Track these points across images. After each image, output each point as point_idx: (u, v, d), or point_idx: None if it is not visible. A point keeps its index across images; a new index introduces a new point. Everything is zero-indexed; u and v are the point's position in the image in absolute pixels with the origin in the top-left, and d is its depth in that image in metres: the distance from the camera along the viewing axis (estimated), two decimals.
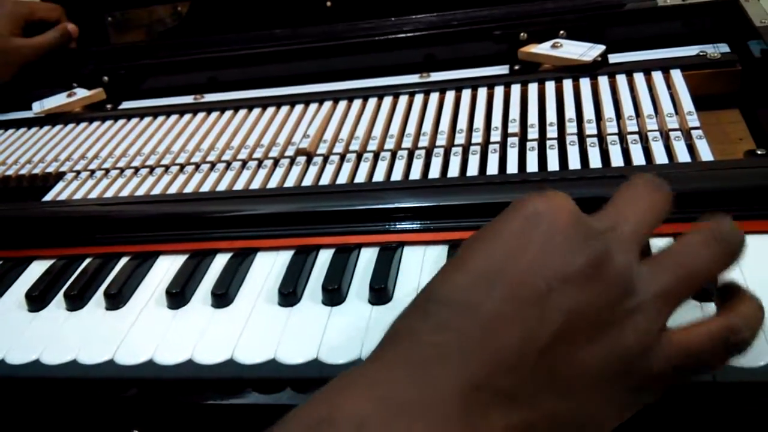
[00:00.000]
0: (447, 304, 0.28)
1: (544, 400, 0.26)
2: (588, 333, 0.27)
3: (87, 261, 0.51)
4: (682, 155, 0.48)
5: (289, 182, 0.55)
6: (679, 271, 0.29)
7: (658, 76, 0.57)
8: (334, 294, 0.43)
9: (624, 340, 0.27)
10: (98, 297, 0.47)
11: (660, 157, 0.48)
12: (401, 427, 0.25)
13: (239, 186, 0.56)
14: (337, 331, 0.41)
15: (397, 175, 0.53)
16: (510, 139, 0.54)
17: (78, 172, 0.63)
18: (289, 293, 0.43)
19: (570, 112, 0.56)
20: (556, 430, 0.26)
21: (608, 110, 0.54)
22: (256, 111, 0.67)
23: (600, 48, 0.60)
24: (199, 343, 0.42)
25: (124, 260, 0.50)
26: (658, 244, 0.33)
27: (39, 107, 0.75)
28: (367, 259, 0.46)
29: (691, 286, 0.29)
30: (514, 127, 0.55)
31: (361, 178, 0.54)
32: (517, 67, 0.64)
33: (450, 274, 0.30)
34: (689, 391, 0.35)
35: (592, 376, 0.27)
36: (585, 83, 0.58)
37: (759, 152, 0.49)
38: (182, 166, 0.60)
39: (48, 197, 0.60)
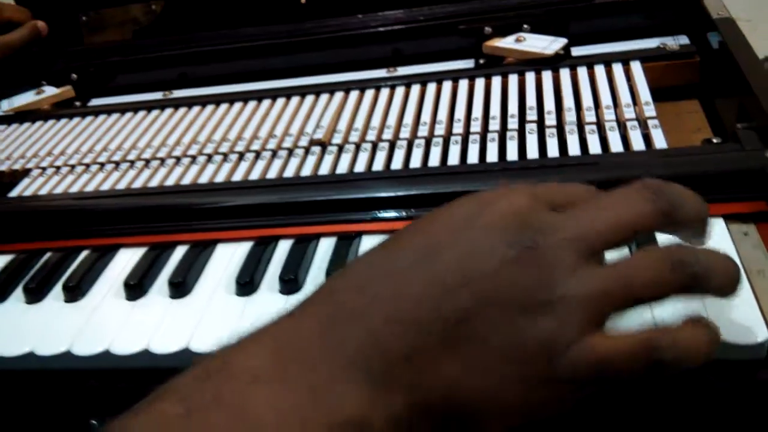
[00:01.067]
0: (372, 269, 0.29)
1: (445, 371, 0.26)
2: (497, 316, 0.26)
3: (47, 255, 0.51)
4: (637, 144, 0.48)
5: (254, 175, 0.55)
6: (616, 279, 0.27)
7: (618, 68, 0.58)
8: (290, 283, 0.43)
9: (529, 330, 0.26)
10: (57, 290, 0.47)
11: (615, 145, 0.49)
12: (298, 380, 0.26)
13: (204, 179, 0.56)
14: None
15: (360, 166, 0.54)
16: (472, 131, 0.55)
17: (44, 169, 0.63)
18: (246, 283, 0.44)
19: (531, 104, 0.56)
20: (451, 405, 0.26)
21: (568, 101, 0.55)
22: (224, 106, 0.67)
23: (562, 41, 0.61)
24: (156, 333, 0.42)
25: (84, 254, 0.50)
26: None
27: (7, 105, 0.75)
28: (325, 248, 0.46)
29: (626, 297, 0.27)
30: (476, 120, 0.56)
31: (325, 170, 0.54)
32: (482, 61, 0.64)
33: (386, 243, 0.30)
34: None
35: (493, 359, 0.26)
36: (547, 76, 0.59)
37: (714, 141, 0.50)
38: (147, 162, 0.60)
39: (13, 194, 0.59)
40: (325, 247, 0.46)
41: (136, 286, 0.45)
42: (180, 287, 0.44)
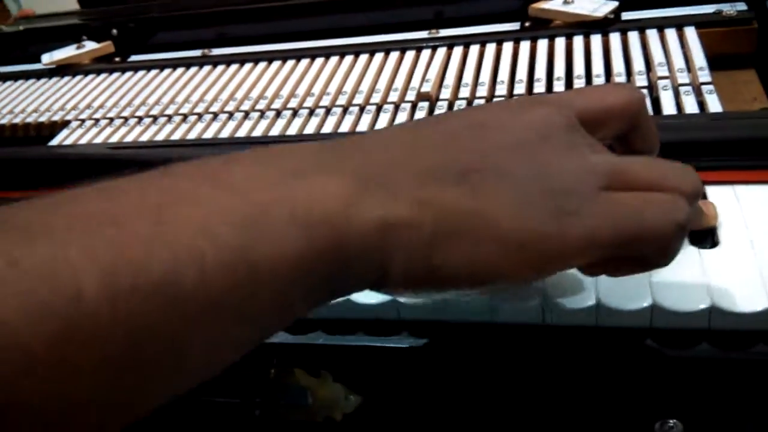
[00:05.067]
0: (408, 125, 0.31)
1: (458, 194, 0.25)
2: (523, 151, 0.27)
3: None
4: (691, 109, 0.46)
5: (291, 132, 0.55)
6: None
7: (671, 33, 0.55)
8: None
9: (558, 162, 0.26)
10: None
11: (668, 109, 0.47)
12: (282, 165, 0.25)
13: (241, 135, 0.55)
14: None
15: None
16: (515, 93, 0.53)
17: (83, 121, 0.63)
18: None
19: (579, 68, 0.54)
20: (453, 224, 0.25)
21: (618, 66, 0.53)
22: (262, 65, 0.66)
23: (612, 4, 0.58)
24: None
25: None
26: None
27: (48, 59, 0.75)
28: None
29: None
30: (520, 82, 0.54)
31: (363, 128, 0.53)
32: (527, 24, 0.62)
33: None
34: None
35: (519, 191, 0.26)
36: (596, 40, 0.57)
37: None
38: (185, 116, 0.60)
39: (52, 143, 0.60)
40: None
41: None
42: None
